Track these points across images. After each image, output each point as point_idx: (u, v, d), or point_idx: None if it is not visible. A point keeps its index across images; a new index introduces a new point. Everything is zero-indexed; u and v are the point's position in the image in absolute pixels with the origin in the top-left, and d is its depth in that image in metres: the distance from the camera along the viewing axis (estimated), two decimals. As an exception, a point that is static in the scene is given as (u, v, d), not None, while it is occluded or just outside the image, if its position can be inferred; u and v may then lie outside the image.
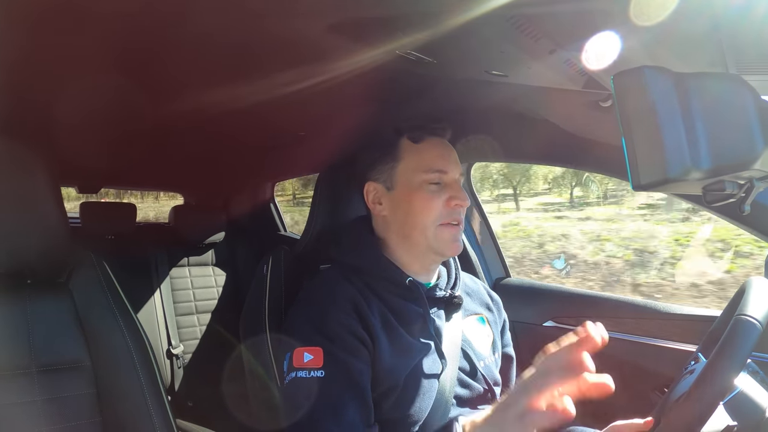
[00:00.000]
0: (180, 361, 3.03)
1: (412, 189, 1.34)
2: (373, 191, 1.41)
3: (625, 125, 0.74)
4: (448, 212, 1.33)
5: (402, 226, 1.36)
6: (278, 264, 1.52)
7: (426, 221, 1.32)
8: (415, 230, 1.34)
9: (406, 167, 1.36)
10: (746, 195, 0.81)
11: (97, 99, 1.63)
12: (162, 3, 1.03)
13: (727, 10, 0.87)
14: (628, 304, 1.90)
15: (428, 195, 1.32)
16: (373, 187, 1.41)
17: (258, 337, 1.44)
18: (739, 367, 0.94)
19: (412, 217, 1.33)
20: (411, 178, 1.35)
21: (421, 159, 1.35)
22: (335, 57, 1.28)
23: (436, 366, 1.29)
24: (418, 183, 1.33)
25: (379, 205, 1.40)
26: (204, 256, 3.35)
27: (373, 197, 1.41)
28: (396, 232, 1.38)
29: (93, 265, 1.43)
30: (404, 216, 1.35)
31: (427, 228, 1.32)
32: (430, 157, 1.36)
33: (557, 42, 1.08)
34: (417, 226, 1.33)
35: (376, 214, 1.42)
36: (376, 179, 1.40)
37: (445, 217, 1.32)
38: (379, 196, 1.40)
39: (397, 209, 1.36)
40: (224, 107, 1.71)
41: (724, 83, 0.76)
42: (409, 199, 1.34)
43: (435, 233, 1.32)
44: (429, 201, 1.32)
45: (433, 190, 1.33)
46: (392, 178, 1.38)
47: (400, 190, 1.36)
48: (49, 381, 1.29)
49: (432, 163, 1.34)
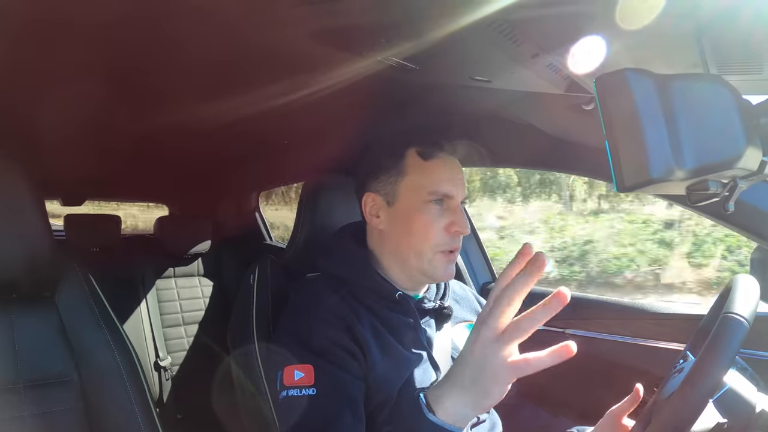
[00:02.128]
0: (168, 373, 3.01)
1: (413, 209, 1.28)
2: (372, 203, 1.35)
3: (608, 127, 0.75)
4: (447, 240, 1.27)
5: (397, 245, 1.32)
6: (264, 273, 1.51)
7: (423, 246, 1.27)
8: (411, 252, 1.29)
9: (410, 184, 1.30)
10: (730, 194, 0.82)
11: (79, 111, 1.62)
12: (143, 16, 1.03)
13: (709, 12, 0.87)
14: (616, 305, 1.91)
15: (429, 218, 1.26)
16: (372, 198, 1.35)
17: (246, 347, 1.43)
18: (728, 364, 0.94)
19: (409, 239, 1.28)
20: (413, 197, 1.29)
21: (428, 179, 1.29)
22: (317, 66, 1.28)
23: (429, 376, 1.27)
24: (420, 204, 1.28)
25: (376, 218, 1.34)
26: (190, 266, 3.33)
27: (370, 209, 1.35)
28: (390, 250, 1.34)
29: (78, 279, 1.42)
30: (401, 235, 1.30)
31: (424, 254, 1.27)
32: (437, 178, 1.29)
33: (540, 46, 1.08)
34: (413, 248, 1.28)
35: (371, 226, 1.37)
36: (377, 191, 1.34)
37: (444, 245, 1.27)
38: (378, 208, 1.34)
39: (395, 226, 1.31)
40: (207, 118, 1.71)
41: (706, 84, 0.76)
42: (409, 218, 1.28)
43: (431, 259, 1.27)
44: (429, 225, 1.26)
45: (435, 213, 1.27)
46: (394, 193, 1.32)
47: (401, 207, 1.31)
48: (37, 396, 1.28)
49: (438, 186, 1.28)
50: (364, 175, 1.37)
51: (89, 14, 1.01)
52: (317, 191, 1.61)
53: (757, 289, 1.07)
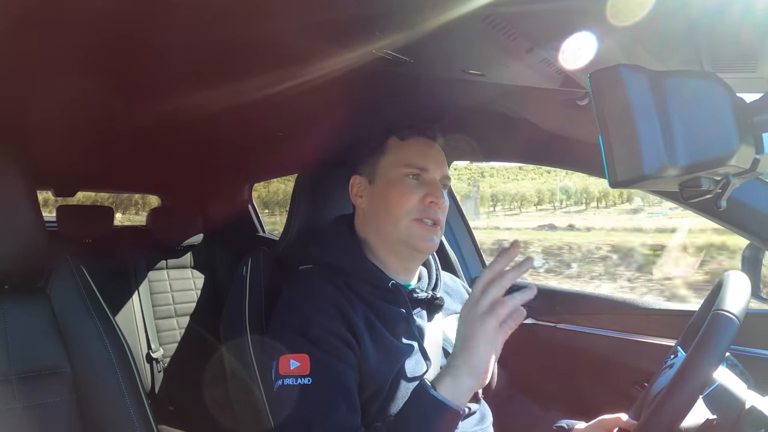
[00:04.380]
0: (160, 365, 3.01)
1: (390, 182, 1.35)
2: (357, 184, 1.42)
3: (601, 123, 0.75)
4: (422, 208, 1.32)
5: (376, 218, 1.36)
6: (257, 265, 1.51)
7: (399, 213, 1.31)
8: (388, 223, 1.33)
9: (388, 161, 1.38)
10: (722, 191, 0.82)
11: (71, 102, 1.61)
12: (132, 8, 1.02)
13: (703, 9, 0.87)
14: (607, 300, 1.92)
15: (405, 189, 1.32)
16: (358, 180, 1.42)
17: (239, 339, 1.43)
18: (718, 360, 0.95)
19: (386, 208, 1.33)
20: (391, 172, 1.35)
21: (404, 154, 1.36)
22: (311, 58, 1.27)
23: (421, 367, 1.28)
24: (396, 176, 1.34)
25: (360, 198, 1.41)
26: (182, 258, 3.32)
27: (356, 190, 1.42)
28: (373, 228, 1.38)
29: (71, 270, 1.41)
30: (380, 210, 1.35)
31: (400, 220, 1.31)
32: (412, 153, 1.36)
33: (534, 41, 1.08)
34: (390, 217, 1.32)
35: (358, 209, 1.43)
36: (361, 172, 1.42)
37: (419, 213, 1.31)
38: (362, 189, 1.41)
39: (376, 203, 1.37)
40: (200, 109, 1.69)
41: (700, 81, 0.76)
42: (387, 193, 1.34)
43: (407, 226, 1.31)
44: (404, 194, 1.32)
45: (411, 184, 1.33)
46: (374, 171, 1.39)
47: (380, 182, 1.37)
48: (29, 388, 1.27)
49: (413, 159, 1.35)
50: (352, 161, 1.45)
51: (78, 8, 1.01)
52: (310, 184, 1.61)
53: (747, 286, 1.08)
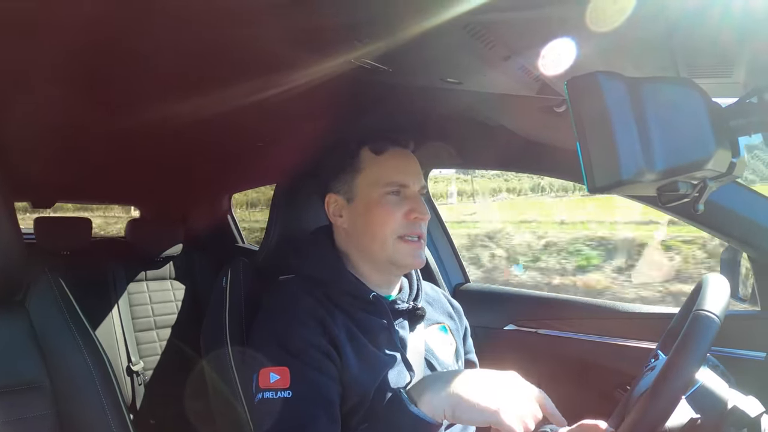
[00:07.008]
0: (141, 378, 2.98)
1: (372, 202, 1.31)
2: (334, 203, 1.38)
3: (579, 130, 0.75)
4: (407, 224, 1.30)
5: (361, 239, 1.34)
6: (237, 276, 1.50)
7: (385, 233, 1.30)
8: (374, 243, 1.31)
9: (365, 179, 1.34)
10: (699, 195, 0.83)
11: (47, 112, 1.60)
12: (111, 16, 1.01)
13: (680, 16, 0.88)
14: (587, 305, 1.93)
15: (388, 208, 1.30)
16: (334, 199, 1.38)
17: (219, 351, 1.41)
18: (700, 361, 0.96)
19: (371, 229, 1.31)
20: (370, 191, 1.32)
21: (381, 172, 1.33)
22: (290, 66, 1.27)
23: (403, 378, 1.28)
24: (377, 196, 1.31)
25: (339, 217, 1.37)
26: (162, 269, 3.29)
27: (333, 209, 1.38)
28: (356, 246, 1.36)
29: (49, 283, 1.39)
30: (364, 230, 1.33)
31: (386, 240, 1.30)
32: (390, 170, 1.33)
33: (512, 49, 1.08)
34: (376, 238, 1.31)
35: (337, 227, 1.40)
36: (337, 191, 1.37)
37: (404, 230, 1.30)
38: (340, 208, 1.37)
39: (357, 223, 1.34)
40: (179, 119, 1.69)
41: (676, 87, 0.77)
42: (369, 212, 1.31)
43: (394, 246, 1.30)
44: (387, 214, 1.30)
45: (392, 201, 1.31)
46: (352, 190, 1.35)
47: (360, 202, 1.34)
48: (8, 403, 1.25)
49: (392, 177, 1.32)
50: (325, 176, 1.41)
51: (56, 15, 1.00)
52: (289, 194, 1.60)
53: (727, 287, 1.09)
